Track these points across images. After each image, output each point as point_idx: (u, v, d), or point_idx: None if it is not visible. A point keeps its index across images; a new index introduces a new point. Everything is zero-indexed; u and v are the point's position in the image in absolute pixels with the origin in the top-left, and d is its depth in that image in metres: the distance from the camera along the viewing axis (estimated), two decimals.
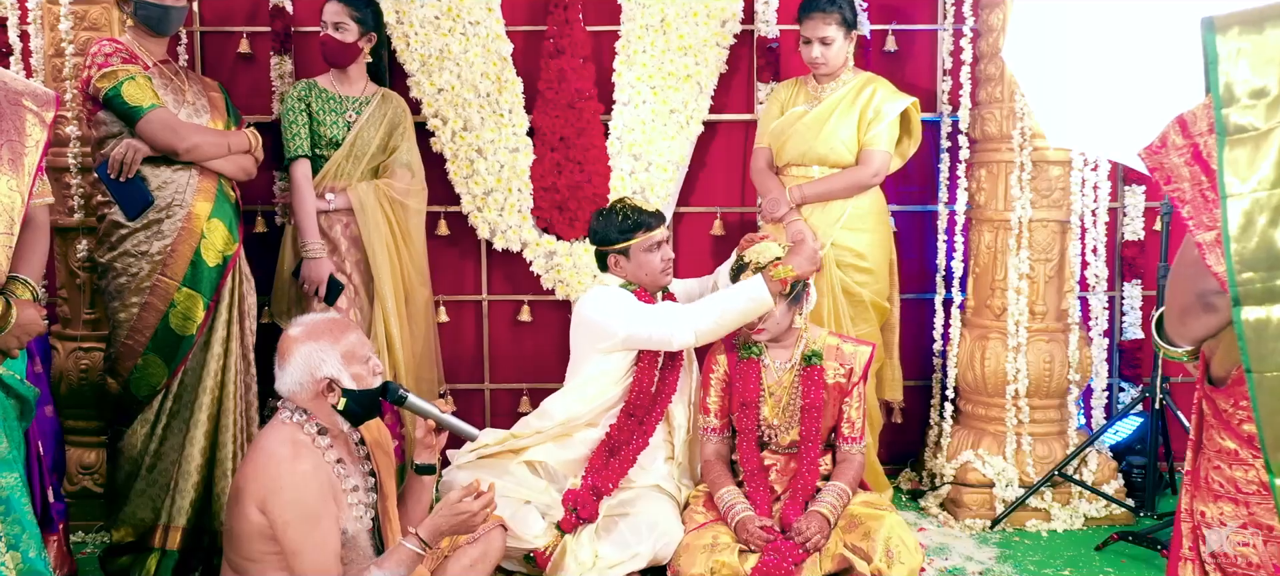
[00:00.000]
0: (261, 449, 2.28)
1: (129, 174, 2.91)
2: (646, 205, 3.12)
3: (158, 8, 2.96)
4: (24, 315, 2.02)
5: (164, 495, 2.94)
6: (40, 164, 2.13)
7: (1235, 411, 1.52)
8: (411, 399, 2.40)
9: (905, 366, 3.87)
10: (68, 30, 3.25)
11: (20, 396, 2.12)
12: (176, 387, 2.97)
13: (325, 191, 3.40)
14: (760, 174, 3.58)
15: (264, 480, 2.22)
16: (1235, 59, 1.40)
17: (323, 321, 2.38)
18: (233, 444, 3.00)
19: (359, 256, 3.43)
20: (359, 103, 3.45)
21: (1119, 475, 3.55)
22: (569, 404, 3.05)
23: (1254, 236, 1.36)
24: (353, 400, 2.29)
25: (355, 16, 3.37)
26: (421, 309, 3.60)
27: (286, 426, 2.31)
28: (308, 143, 3.38)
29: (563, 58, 3.72)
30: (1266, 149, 1.37)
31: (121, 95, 2.88)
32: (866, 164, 3.39)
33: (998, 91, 3.52)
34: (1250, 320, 1.37)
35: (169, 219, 2.96)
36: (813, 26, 3.34)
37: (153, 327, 2.93)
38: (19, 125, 2.08)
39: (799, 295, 2.93)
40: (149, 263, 2.94)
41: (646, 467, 3.02)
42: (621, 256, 3.07)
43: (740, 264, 2.93)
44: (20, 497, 2.02)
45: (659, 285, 3.12)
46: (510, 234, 3.79)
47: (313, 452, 2.29)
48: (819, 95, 3.45)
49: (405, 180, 3.50)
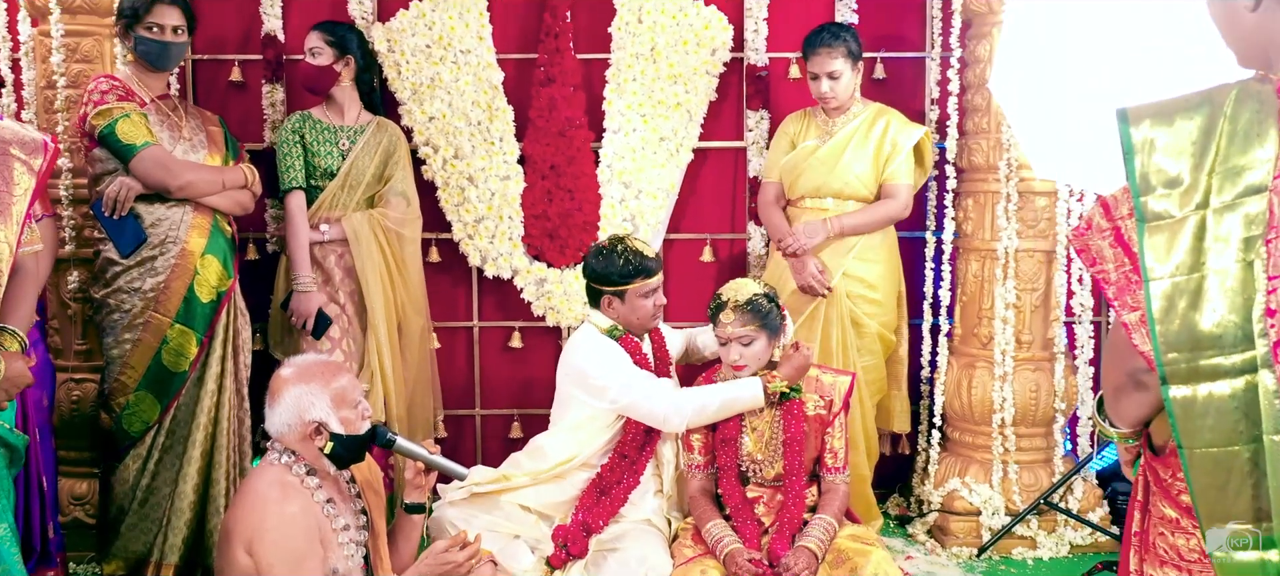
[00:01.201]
0: (250, 490, 2.30)
1: (122, 211, 2.93)
2: (648, 250, 3.12)
3: (157, 44, 2.99)
4: (12, 368, 2.03)
5: (156, 530, 2.96)
6: (28, 212, 2.13)
7: (1174, 482, 1.56)
8: (400, 442, 2.43)
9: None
10: (60, 63, 3.26)
11: (10, 445, 2.13)
12: (170, 423, 2.99)
13: (320, 222, 3.41)
14: (768, 208, 3.60)
15: (251, 522, 2.24)
16: (1149, 150, 1.45)
17: (314, 364, 2.40)
18: (226, 480, 3.02)
19: (353, 287, 3.44)
20: (353, 132, 3.46)
21: (1104, 502, 3.58)
22: (563, 445, 3.07)
23: (1176, 318, 1.40)
24: (340, 444, 2.31)
25: (328, 40, 3.38)
26: (416, 338, 3.61)
27: (275, 468, 2.33)
28: (302, 174, 3.39)
29: (553, 86, 3.74)
30: (1182, 235, 1.41)
31: (116, 133, 2.90)
32: (893, 198, 3.43)
33: (984, 122, 3.55)
34: (1177, 398, 1.41)
35: (162, 256, 2.98)
36: (820, 62, 3.35)
37: (145, 364, 2.95)
38: (6, 174, 2.08)
39: (777, 328, 2.95)
40: (142, 299, 2.96)
41: (636, 503, 3.04)
42: (616, 298, 3.08)
43: (718, 303, 2.94)
44: (9, 548, 2.04)
45: (646, 328, 3.14)
46: (501, 261, 3.81)
47: (301, 494, 2.31)
48: (831, 129, 3.47)
49: (400, 209, 3.51)
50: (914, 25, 3.91)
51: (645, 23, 3.73)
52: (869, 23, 3.85)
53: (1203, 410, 1.40)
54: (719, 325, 2.90)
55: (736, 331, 2.86)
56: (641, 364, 3.09)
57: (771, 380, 2.89)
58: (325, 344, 3.38)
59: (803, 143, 3.51)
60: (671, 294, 3.95)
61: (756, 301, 2.88)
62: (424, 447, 2.48)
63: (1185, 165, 1.43)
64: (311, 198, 3.42)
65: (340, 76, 3.43)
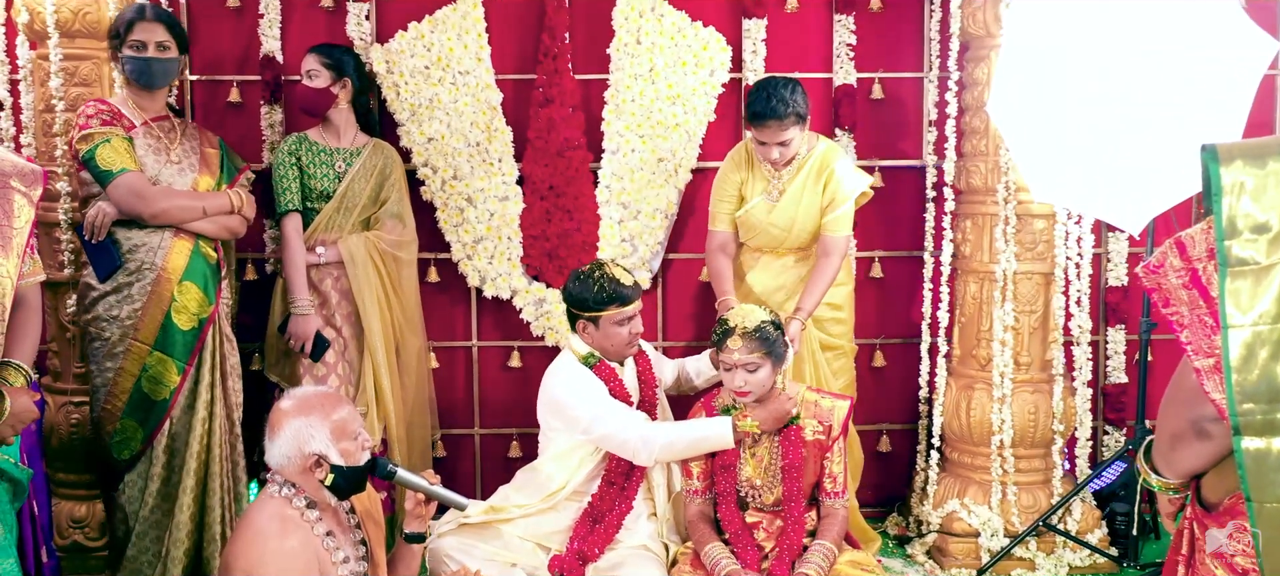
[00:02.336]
0: (249, 524, 2.30)
1: (99, 237, 2.93)
2: (626, 278, 3.10)
3: (141, 61, 2.98)
4: (18, 404, 2.03)
5: (157, 560, 2.96)
6: (29, 242, 2.14)
7: (1229, 543, 1.53)
8: (401, 473, 2.43)
9: (893, 410, 3.93)
10: (58, 87, 3.26)
11: (14, 480, 2.13)
12: (162, 450, 2.98)
13: (316, 244, 3.41)
14: (717, 256, 3.46)
15: (252, 556, 2.24)
16: (1238, 193, 1.41)
17: (314, 395, 2.40)
18: (220, 507, 3.03)
19: (350, 309, 3.44)
20: (349, 154, 3.46)
21: (1103, 523, 3.59)
22: (551, 475, 3.07)
23: (1255, 368, 1.38)
24: (340, 476, 2.31)
25: (325, 63, 3.38)
26: (414, 359, 3.61)
27: (275, 500, 2.33)
28: (299, 196, 3.38)
29: (552, 107, 3.75)
30: (1268, 284, 1.38)
31: (95, 159, 2.91)
32: (834, 251, 3.34)
33: (982, 144, 3.55)
34: (1250, 450, 1.39)
35: (139, 282, 2.97)
36: (770, 133, 3.23)
37: (127, 392, 2.96)
38: (7, 207, 2.08)
39: (782, 355, 2.95)
40: (119, 327, 2.96)
41: (631, 527, 3.04)
42: (591, 324, 3.08)
43: (724, 328, 2.94)
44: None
45: (623, 356, 3.14)
46: (500, 281, 3.81)
47: (301, 527, 2.31)
48: (779, 185, 3.38)
49: (396, 232, 3.51)
50: (912, 46, 3.92)
51: (644, 44, 3.74)
52: (867, 42, 3.87)
53: (1277, 464, 1.37)
54: (725, 350, 2.89)
55: (743, 358, 2.86)
56: (618, 392, 3.07)
57: (743, 418, 2.90)
58: (320, 368, 3.37)
59: (751, 198, 3.42)
60: (670, 314, 3.98)
61: (764, 329, 2.87)
62: (424, 478, 2.48)
63: (1275, 211, 1.39)
64: (308, 220, 3.42)
65: (337, 99, 3.43)
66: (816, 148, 3.39)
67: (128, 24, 2.97)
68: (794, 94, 3.23)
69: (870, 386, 3.99)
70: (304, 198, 3.40)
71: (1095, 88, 3.06)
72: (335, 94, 3.42)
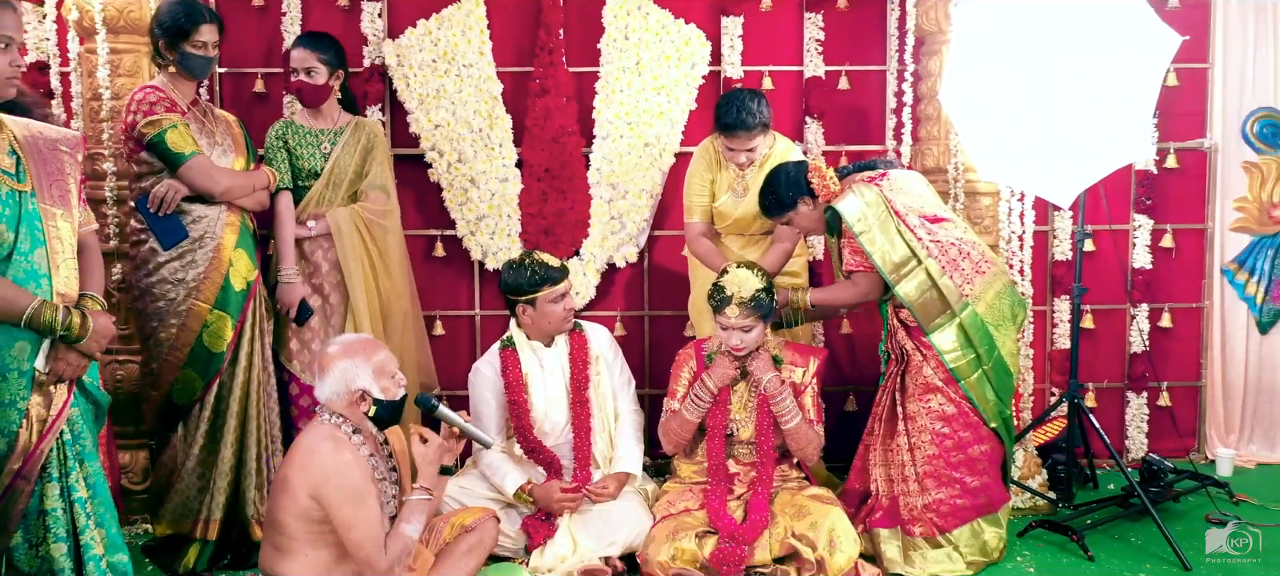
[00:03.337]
0: (305, 446, 2.68)
1: (168, 210, 3.29)
2: (553, 261, 3.46)
3: (201, 58, 3.34)
4: (98, 323, 2.39)
5: (204, 493, 3.33)
6: (80, 196, 2.50)
7: None
8: (440, 408, 2.82)
9: (860, 373, 4.31)
10: (105, 77, 3.62)
11: (97, 402, 2.50)
12: (213, 399, 3.35)
13: (308, 218, 3.69)
14: (699, 242, 3.81)
15: (313, 471, 2.61)
16: None
17: (356, 341, 2.80)
18: (257, 446, 3.40)
19: (339, 278, 3.68)
20: (333, 134, 3.73)
21: (1043, 470, 3.98)
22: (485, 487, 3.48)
23: None
24: (381, 408, 2.71)
25: (323, 59, 3.67)
26: (399, 324, 3.81)
27: (326, 426, 2.72)
28: (289, 176, 3.68)
29: (548, 97, 4.12)
30: None
31: (165, 142, 3.26)
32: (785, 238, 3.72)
33: (935, 129, 3.95)
34: None
35: (201, 249, 3.34)
36: (740, 142, 3.60)
37: (189, 346, 3.31)
38: (60, 167, 2.43)
39: (770, 312, 3.32)
40: (184, 289, 3.32)
41: None
42: (529, 306, 3.42)
43: (722, 297, 3.27)
44: (103, 483, 2.43)
45: (559, 331, 3.49)
46: (501, 256, 4.17)
47: (351, 446, 2.70)
48: (742, 181, 3.74)
49: (380, 202, 3.74)
50: (875, 41, 4.31)
51: (631, 40, 4.12)
52: (834, 38, 4.25)
53: None
54: (723, 316, 3.26)
55: (739, 322, 3.25)
56: (514, 380, 3.45)
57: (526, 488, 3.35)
58: (306, 333, 3.71)
59: (720, 194, 3.78)
60: (654, 285, 4.37)
61: (758, 298, 3.25)
62: (460, 416, 2.86)
63: None
64: (299, 197, 3.71)
65: (333, 90, 3.75)
66: (776, 146, 3.76)
67: (194, 25, 3.29)
68: (760, 105, 3.60)
69: (841, 351, 4.38)
70: (294, 177, 3.70)
71: (1031, 78, 3.40)
72: (332, 87, 3.72)
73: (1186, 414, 4.54)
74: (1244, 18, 4.34)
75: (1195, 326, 4.53)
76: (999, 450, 3.39)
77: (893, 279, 3.26)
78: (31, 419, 2.29)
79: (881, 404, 3.45)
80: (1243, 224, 4.45)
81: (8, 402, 2.27)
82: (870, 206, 3.28)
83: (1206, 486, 3.91)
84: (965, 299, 3.25)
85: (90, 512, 2.37)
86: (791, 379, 3.36)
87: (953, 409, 3.29)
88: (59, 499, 2.33)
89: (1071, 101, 3.35)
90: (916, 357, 3.32)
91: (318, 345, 3.67)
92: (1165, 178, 4.42)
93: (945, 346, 3.26)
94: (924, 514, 3.30)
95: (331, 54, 3.70)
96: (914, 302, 3.26)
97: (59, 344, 2.33)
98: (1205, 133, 4.43)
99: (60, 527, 2.32)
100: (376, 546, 2.62)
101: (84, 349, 2.36)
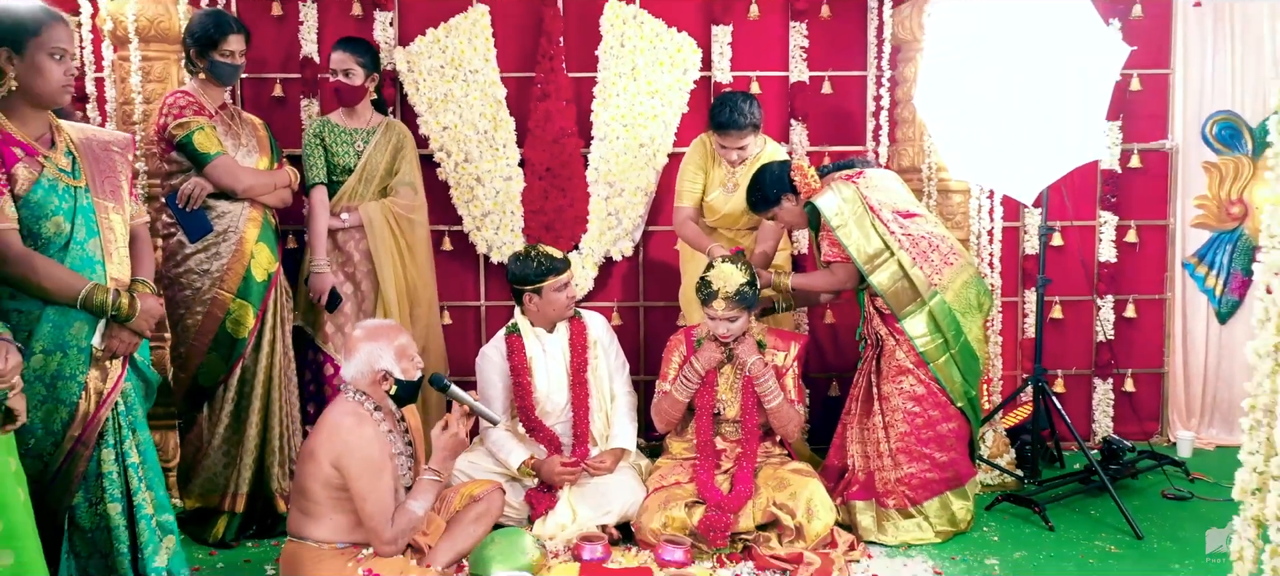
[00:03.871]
0: (330, 420, 2.96)
1: (195, 205, 3.56)
2: (557, 252, 3.72)
3: (229, 66, 3.61)
4: (147, 304, 2.65)
5: (230, 469, 3.60)
6: (132, 191, 2.77)
7: None
8: (452, 388, 3.10)
9: (841, 360, 4.57)
10: (137, 83, 3.89)
11: (147, 379, 2.78)
12: (236, 382, 3.62)
13: (342, 211, 3.97)
14: (688, 226, 4.06)
15: (337, 443, 2.90)
16: None
17: (380, 326, 3.08)
18: (279, 425, 3.66)
19: (370, 268, 3.98)
20: (366, 133, 4.02)
21: (1012, 449, 4.26)
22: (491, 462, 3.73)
23: None
24: (401, 388, 2.99)
25: (360, 62, 3.95)
26: (425, 308, 4.13)
27: (349, 402, 3.00)
28: (324, 171, 3.97)
29: (549, 100, 4.39)
30: None
31: (192, 143, 3.53)
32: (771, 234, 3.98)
33: (910, 131, 4.22)
34: None
35: (225, 243, 3.60)
36: (732, 141, 3.86)
37: (213, 333, 3.58)
38: (112, 166, 2.70)
39: (754, 303, 3.57)
40: (209, 279, 3.58)
41: None
42: (535, 294, 3.69)
43: (709, 291, 3.52)
44: (153, 451, 2.70)
45: (561, 317, 3.76)
46: (505, 249, 4.45)
47: (372, 422, 2.98)
48: (732, 178, 4.01)
49: (408, 197, 4.05)
50: (856, 48, 4.58)
51: (627, 47, 4.39)
52: (818, 46, 4.52)
53: None
54: (710, 308, 3.52)
55: (725, 314, 3.51)
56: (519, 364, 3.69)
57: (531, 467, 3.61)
58: (340, 318, 3.98)
59: (712, 189, 4.05)
60: (648, 276, 4.64)
61: (742, 292, 3.50)
62: (470, 395, 3.14)
63: None
64: (334, 191, 3.99)
65: (368, 90, 4.04)
66: (766, 148, 4.03)
67: (223, 35, 3.56)
68: (752, 107, 3.86)
69: (824, 340, 4.66)
70: (329, 172, 3.98)
71: (997, 83, 3.64)
72: (367, 88, 4.01)
73: (1150, 399, 4.83)
74: (1203, 26, 4.61)
75: (1158, 317, 4.81)
76: (966, 428, 3.66)
77: (867, 269, 3.53)
78: (90, 391, 2.56)
79: (858, 385, 3.72)
80: (1203, 220, 4.73)
81: (68, 376, 2.54)
82: (847, 202, 3.55)
83: (1163, 465, 4.19)
84: (934, 288, 3.52)
85: (142, 476, 2.65)
86: (774, 362, 3.63)
87: (923, 389, 3.56)
88: (114, 463, 2.61)
89: (1032, 106, 3.61)
90: (890, 342, 3.60)
91: (350, 329, 3.87)
92: (1130, 177, 4.70)
93: (915, 332, 3.53)
94: (897, 486, 3.57)
95: (368, 57, 3.97)
96: (887, 291, 3.53)
97: (112, 323, 2.60)
98: (1167, 134, 4.71)
99: (115, 489, 2.60)
100: (384, 519, 2.89)
101: (134, 327, 2.63)
